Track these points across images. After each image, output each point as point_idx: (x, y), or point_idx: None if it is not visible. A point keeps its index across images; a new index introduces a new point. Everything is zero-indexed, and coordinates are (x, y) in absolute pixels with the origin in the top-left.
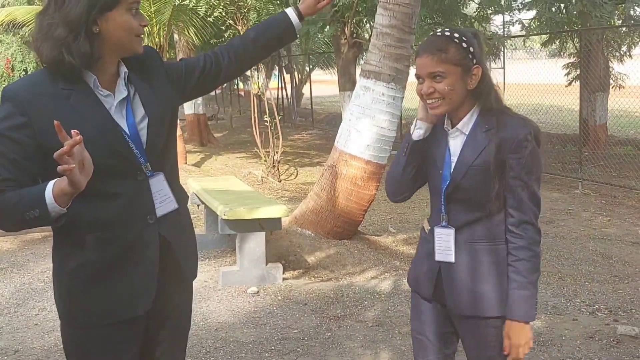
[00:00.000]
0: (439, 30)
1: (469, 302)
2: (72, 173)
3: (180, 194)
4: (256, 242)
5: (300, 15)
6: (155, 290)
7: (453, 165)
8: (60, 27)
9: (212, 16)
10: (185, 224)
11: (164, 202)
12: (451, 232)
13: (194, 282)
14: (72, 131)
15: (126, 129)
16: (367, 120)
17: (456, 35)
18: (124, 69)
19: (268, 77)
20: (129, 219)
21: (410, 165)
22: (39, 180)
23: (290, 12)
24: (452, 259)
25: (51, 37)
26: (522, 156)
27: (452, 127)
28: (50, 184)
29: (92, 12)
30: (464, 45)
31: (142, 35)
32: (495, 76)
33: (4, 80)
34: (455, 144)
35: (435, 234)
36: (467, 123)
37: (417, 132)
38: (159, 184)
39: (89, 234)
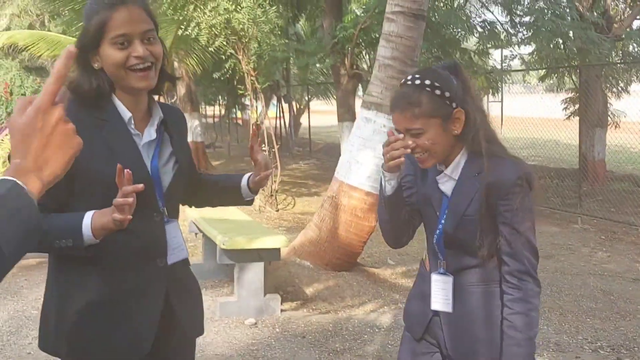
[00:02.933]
0: (409, 76)
1: (468, 348)
2: (127, 220)
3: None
4: (255, 273)
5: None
6: (154, 338)
7: (446, 214)
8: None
9: (214, 46)
10: (190, 273)
11: (176, 249)
12: (450, 280)
13: None
14: (126, 172)
15: (150, 172)
16: (368, 152)
17: (427, 82)
18: (159, 114)
19: (266, 106)
20: (140, 258)
21: (395, 215)
22: (63, 204)
23: (244, 181)
24: (449, 308)
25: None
26: (512, 203)
27: (444, 167)
28: (88, 216)
29: (84, 49)
30: (437, 92)
31: (144, 68)
32: (486, 110)
33: (2, 104)
34: (446, 189)
35: (432, 281)
36: (456, 167)
37: (388, 185)
38: (174, 231)
39: (97, 268)
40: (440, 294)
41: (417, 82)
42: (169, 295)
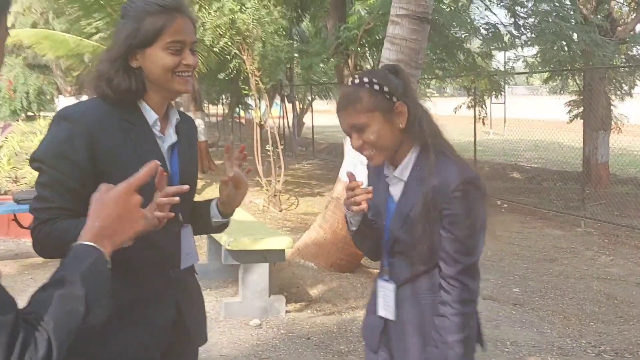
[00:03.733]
0: (349, 80)
1: (411, 358)
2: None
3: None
4: (259, 274)
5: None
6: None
7: (392, 216)
8: (105, 63)
9: (218, 46)
10: (195, 287)
11: (188, 254)
12: (392, 287)
13: None
14: (159, 171)
15: (170, 175)
16: None
17: (365, 80)
18: (175, 115)
19: (270, 105)
20: (154, 269)
21: (366, 242)
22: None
23: (213, 203)
24: (392, 316)
25: (98, 72)
26: (452, 207)
27: (392, 169)
28: None
29: (130, 48)
30: (376, 87)
31: (188, 75)
32: (480, 112)
33: (6, 102)
34: (395, 191)
35: (378, 287)
36: (405, 168)
37: (353, 221)
38: (187, 236)
39: (113, 275)
40: (384, 301)
41: (356, 81)
42: (179, 304)
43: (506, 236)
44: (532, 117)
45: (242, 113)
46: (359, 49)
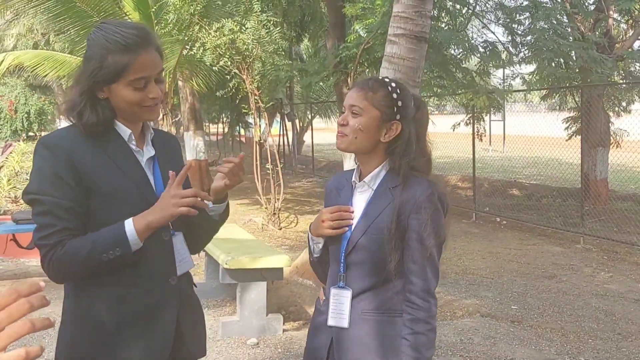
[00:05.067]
0: (388, 77)
1: None
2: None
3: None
4: (257, 292)
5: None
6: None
7: (355, 222)
8: (74, 96)
9: (218, 65)
10: (194, 298)
11: (182, 261)
12: (348, 294)
13: None
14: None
15: (154, 186)
16: None
17: (393, 84)
18: (150, 130)
19: (270, 124)
20: (153, 278)
21: (326, 265)
22: (89, 226)
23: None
24: (345, 323)
25: (68, 105)
26: (422, 217)
27: (360, 180)
28: (128, 223)
29: (94, 84)
30: (394, 95)
31: (155, 105)
32: (478, 129)
33: (7, 122)
34: (361, 199)
35: (330, 294)
36: (375, 177)
37: (316, 249)
38: (178, 243)
39: (111, 289)
40: (337, 309)
41: (386, 80)
42: (180, 314)
43: (505, 253)
44: (531, 134)
45: (242, 131)
46: (357, 67)
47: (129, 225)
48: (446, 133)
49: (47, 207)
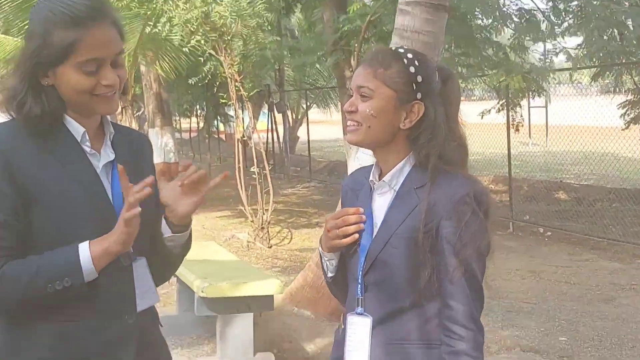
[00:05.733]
0: (403, 47)
1: None
2: (134, 231)
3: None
4: (242, 327)
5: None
6: None
7: (375, 232)
8: (14, 83)
9: (189, 45)
10: (158, 338)
11: (145, 294)
12: (367, 321)
13: None
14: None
15: (111, 198)
16: None
17: (410, 55)
18: (110, 128)
19: (255, 117)
20: (106, 314)
21: (345, 290)
22: (30, 245)
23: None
24: (366, 357)
25: (8, 94)
26: (457, 225)
27: (379, 180)
28: (83, 247)
29: (37, 66)
30: (412, 69)
31: (111, 94)
32: (514, 117)
33: None
34: (382, 203)
35: (347, 323)
36: (397, 175)
37: (331, 266)
38: (141, 271)
39: (52, 325)
40: (356, 339)
41: (401, 50)
42: (138, 357)
43: (550, 271)
44: (580, 123)
45: (221, 127)
46: (362, 44)
47: (84, 250)
48: (474, 123)
49: None
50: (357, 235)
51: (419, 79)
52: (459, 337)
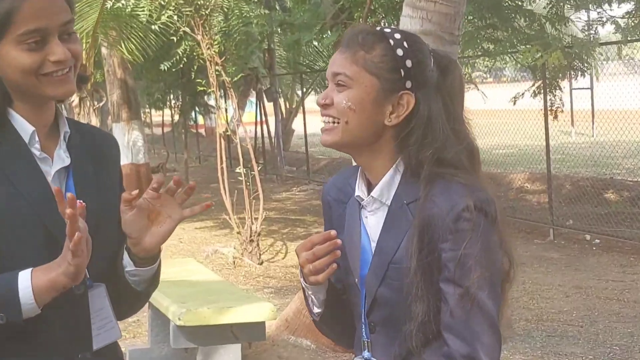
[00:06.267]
0: (391, 27)
1: None
2: (84, 262)
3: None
4: None
5: None
6: None
7: (369, 264)
8: None
9: (159, 22)
10: None
11: (103, 328)
12: None
13: None
14: (68, 196)
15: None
16: None
17: (397, 36)
18: (65, 127)
19: (241, 107)
20: (54, 353)
21: (336, 327)
22: None
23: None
24: None
25: None
26: (456, 246)
27: (368, 194)
28: (24, 276)
29: None
30: (399, 52)
31: (63, 74)
32: (553, 102)
33: None
34: (375, 221)
35: None
36: (387, 187)
37: (316, 302)
38: (99, 301)
39: None
40: None
41: (387, 30)
42: None
43: (599, 287)
44: (633, 107)
45: (200, 120)
46: (368, 17)
47: (24, 280)
48: (505, 110)
49: None
50: (334, 266)
51: (408, 63)
52: None
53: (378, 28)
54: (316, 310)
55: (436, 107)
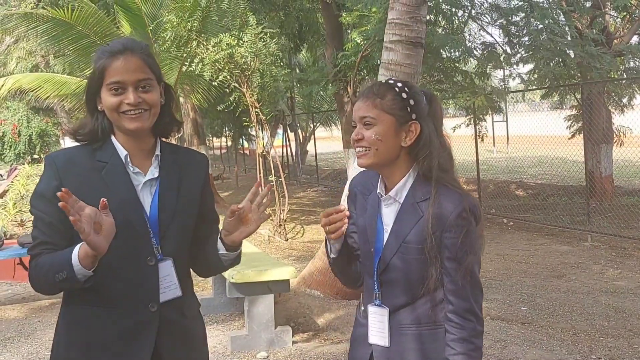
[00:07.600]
0: (391, 79)
1: None
2: (89, 236)
3: (186, 282)
4: (265, 305)
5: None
6: None
7: (385, 239)
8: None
9: (217, 80)
10: (188, 314)
11: (168, 288)
12: (385, 312)
13: None
14: (102, 200)
15: (148, 210)
16: None
17: (399, 84)
18: (156, 152)
19: (272, 135)
20: (131, 302)
21: (345, 271)
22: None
23: (218, 237)
24: (386, 342)
25: (79, 121)
26: (456, 236)
27: (386, 193)
28: (77, 247)
29: (90, 91)
30: (404, 95)
31: (136, 113)
32: (480, 130)
33: (11, 145)
34: (389, 212)
35: (368, 312)
36: (401, 189)
37: (333, 250)
38: (166, 270)
39: (90, 308)
40: (377, 327)
41: (390, 82)
42: (160, 340)
43: (513, 254)
44: (534, 133)
45: (245, 144)
46: (357, 74)
47: (76, 251)
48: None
49: (34, 220)
50: (344, 229)
51: (412, 102)
52: (460, 327)
53: (383, 81)
54: (332, 255)
55: (432, 128)
